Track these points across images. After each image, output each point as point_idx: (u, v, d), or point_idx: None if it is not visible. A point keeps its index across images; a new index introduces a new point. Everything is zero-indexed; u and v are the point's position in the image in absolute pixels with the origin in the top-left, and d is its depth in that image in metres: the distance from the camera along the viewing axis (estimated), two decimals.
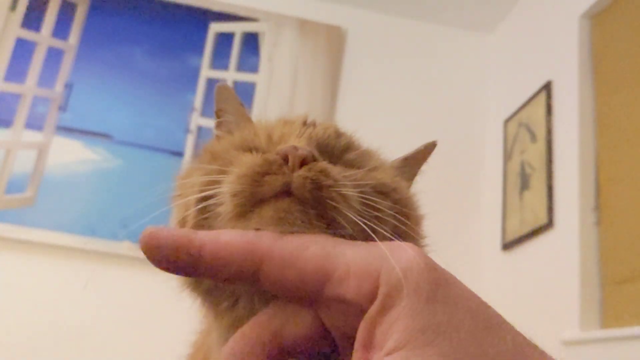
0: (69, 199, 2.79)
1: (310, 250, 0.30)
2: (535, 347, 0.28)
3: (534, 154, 2.54)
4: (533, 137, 2.58)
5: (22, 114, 2.91)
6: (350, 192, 0.38)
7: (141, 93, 3.04)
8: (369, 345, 0.27)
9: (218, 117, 0.56)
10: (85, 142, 2.92)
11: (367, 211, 0.38)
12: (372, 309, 0.27)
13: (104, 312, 2.59)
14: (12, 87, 2.94)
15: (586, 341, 2.00)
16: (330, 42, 3.16)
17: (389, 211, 0.41)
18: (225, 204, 0.38)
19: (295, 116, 0.51)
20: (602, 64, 2.31)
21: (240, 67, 3.14)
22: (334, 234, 0.36)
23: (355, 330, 0.28)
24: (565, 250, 2.19)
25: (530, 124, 2.62)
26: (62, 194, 2.80)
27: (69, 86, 2.99)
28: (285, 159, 0.38)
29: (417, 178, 0.57)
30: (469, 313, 0.27)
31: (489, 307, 0.29)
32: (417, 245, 0.42)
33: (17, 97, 2.94)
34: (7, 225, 2.67)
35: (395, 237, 0.38)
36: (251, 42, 3.18)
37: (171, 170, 0.52)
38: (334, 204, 0.37)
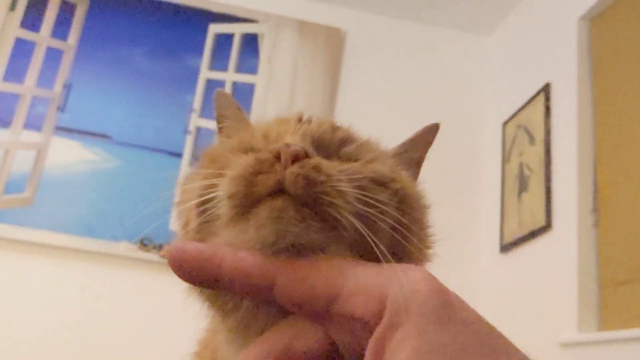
0: (68, 200, 2.79)
1: (322, 268, 0.31)
2: None
3: (533, 156, 2.55)
4: (531, 140, 2.58)
5: (21, 114, 2.91)
6: (345, 186, 0.38)
7: (140, 94, 3.04)
8: None
9: (219, 123, 0.56)
10: (84, 142, 2.92)
11: (365, 205, 0.38)
12: (380, 327, 0.28)
13: (102, 312, 2.58)
14: (11, 87, 2.94)
15: (584, 343, 2.00)
16: (330, 44, 3.16)
17: (389, 202, 0.41)
18: (223, 207, 0.39)
19: (291, 114, 0.51)
20: (600, 66, 2.31)
21: (240, 69, 3.14)
22: (331, 236, 0.36)
23: (363, 346, 0.29)
24: (563, 252, 2.20)
25: (529, 126, 2.62)
26: (60, 195, 2.79)
27: (67, 86, 2.99)
28: (278, 157, 0.38)
29: (423, 164, 0.57)
30: (475, 335, 0.28)
31: (496, 330, 0.29)
32: (421, 236, 0.44)
33: (16, 97, 2.94)
34: (6, 225, 2.67)
35: (397, 229, 0.39)
36: (250, 43, 3.18)
37: (170, 171, 0.52)
38: (329, 199, 0.37)
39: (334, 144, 0.46)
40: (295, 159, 0.38)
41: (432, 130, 0.55)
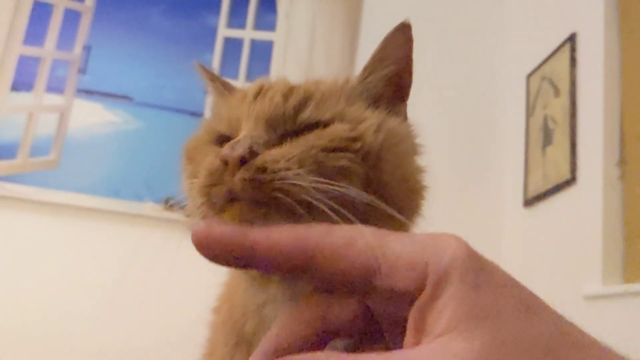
0: (92, 161, 2.83)
1: (359, 243, 0.31)
2: (574, 327, 0.30)
3: (557, 108, 2.50)
4: (556, 92, 2.53)
5: (42, 77, 2.93)
6: (296, 174, 0.38)
7: (159, 54, 3.04)
8: (420, 330, 0.29)
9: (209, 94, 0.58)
10: (106, 104, 2.95)
11: (325, 183, 0.38)
12: (422, 297, 0.29)
13: (128, 271, 2.64)
14: (31, 51, 2.95)
15: (608, 296, 2.00)
16: None
17: (353, 165, 0.41)
18: (202, 210, 0.41)
19: (250, 87, 0.49)
20: (628, 14, 2.25)
21: (258, 25, 3.11)
22: (302, 220, 0.36)
23: (404, 316, 0.30)
24: (588, 205, 2.18)
25: (554, 78, 2.57)
26: (85, 156, 2.83)
27: (87, 48, 3.00)
28: (226, 163, 0.39)
29: (411, 70, 0.53)
30: (511, 297, 0.29)
31: (530, 292, 0.30)
32: (402, 185, 0.43)
33: (36, 60, 2.95)
34: (32, 187, 2.72)
35: (368, 188, 0.40)
36: None
37: (191, 131, 0.52)
38: (281, 195, 0.37)
39: (289, 115, 0.44)
40: (243, 162, 0.38)
41: (399, 33, 0.52)
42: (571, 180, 2.31)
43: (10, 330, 2.50)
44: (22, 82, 2.92)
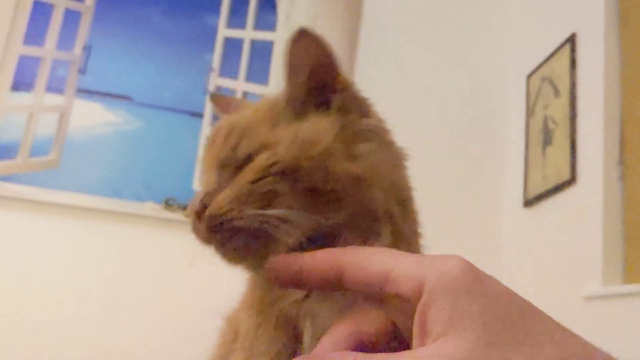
0: (92, 161, 2.83)
1: (374, 258, 0.37)
2: (565, 330, 0.32)
3: (557, 109, 2.50)
4: (556, 92, 2.53)
5: (42, 77, 2.92)
6: (239, 212, 0.47)
7: (159, 54, 3.03)
8: (423, 333, 0.32)
9: None
10: (106, 104, 2.95)
11: (258, 214, 0.47)
12: (421, 302, 0.33)
13: (128, 271, 2.64)
14: (31, 51, 2.95)
15: (608, 296, 2.00)
16: None
17: (276, 186, 0.48)
18: None
19: (213, 131, 0.55)
20: (628, 14, 2.25)
21: (258, 25, 3.11)
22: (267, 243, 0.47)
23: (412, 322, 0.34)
24: (588, 205, 2.18)
25: (554, 79, 2.57)
26: (85, 157, 2.83)
27: (87, 48, 3.00)
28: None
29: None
30: (501, 304, 0.32)
31: (522, 299, 0.33)
32: (331, 187, 0.49)
33: (36, 60, 2.95)
34: (33, 187, 2.72)
35: (300, 197, 0.48)
36: None
37: (191, 131, 0.54)
38: (232, 234, 0.47)
39: (230, 156, 0.51)
40: (200, 212, 0.48)
41: (298, 41, 0.53)
42: (571, 181, 2.31)
43: (10, 330, 2.50)
44: (22, 82, 2.92)
